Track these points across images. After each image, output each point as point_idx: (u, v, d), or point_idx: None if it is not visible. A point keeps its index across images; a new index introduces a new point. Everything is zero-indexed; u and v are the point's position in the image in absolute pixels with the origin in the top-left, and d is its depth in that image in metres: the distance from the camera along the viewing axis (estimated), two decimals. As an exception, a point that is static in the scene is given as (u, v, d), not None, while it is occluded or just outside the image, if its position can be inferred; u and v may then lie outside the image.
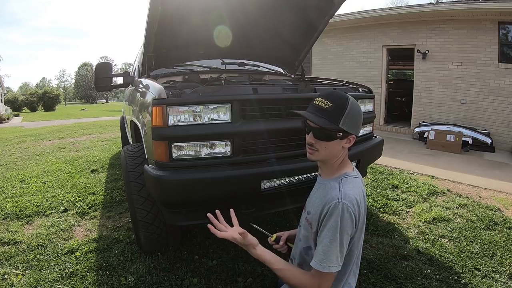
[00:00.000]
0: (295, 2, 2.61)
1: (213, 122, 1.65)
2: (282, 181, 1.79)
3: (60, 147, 6.10)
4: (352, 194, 1.00)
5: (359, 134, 2.33)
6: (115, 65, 65.57)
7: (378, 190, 3.35)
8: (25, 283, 1.81)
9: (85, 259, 2.05)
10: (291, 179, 1.82)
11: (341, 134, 1.03)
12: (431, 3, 14.49)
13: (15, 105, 28.94)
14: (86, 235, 2.40)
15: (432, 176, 3.93)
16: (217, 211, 1.13)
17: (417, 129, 6.59)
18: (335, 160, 1.09)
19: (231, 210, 1.17)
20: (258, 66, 3.19)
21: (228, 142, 1.67)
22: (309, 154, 1.10)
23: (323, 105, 1.03)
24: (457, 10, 6.00)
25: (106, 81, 2.45)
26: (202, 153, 1.65)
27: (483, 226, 2.54)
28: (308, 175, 1.90)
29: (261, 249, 1.07)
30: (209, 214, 1.11)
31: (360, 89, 2.55)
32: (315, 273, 0.99)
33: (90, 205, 2.96)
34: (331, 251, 0.96)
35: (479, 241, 2.31)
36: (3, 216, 2.74)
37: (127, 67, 55.87)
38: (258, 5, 2.49)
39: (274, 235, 1.25)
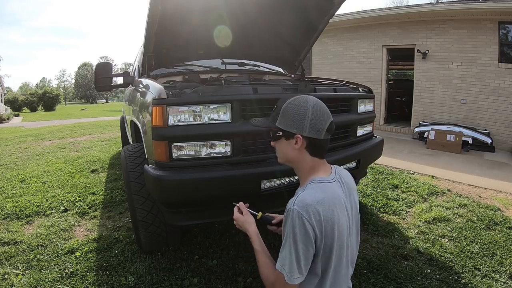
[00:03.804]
0: (295, 2, 2.60)
1: (213, 122, 1.65)
2: (282, 180, 1.79)
3: (60, 147, 6.10)
4: (310, 199, 0.92)
5: (359, 134, 2.38)
6: (115, 65, 65.63)
7: (378, 190, 3.35)
8: (25, 283, 1.81)
9: (85, 259, 2.05)
10: (291, 178, 1.82)
11: (280, 133, 1.05)
12: (431, 3, 14.48)
13: (15, 105, 28.93)
14: (86, 235, 2.40)
15: (432, 176, 3.93)
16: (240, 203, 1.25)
17: (417, 129, 6.59)
18: (300, 166, 1.07)
19: (241, 203, 1.25)
20: (258, 66, 3.19)
21: (228, 142, 1.67)
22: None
23: (273, 108, 1.12)
24: (457, 10, 6.00)
25: (106, 81, 2.45)
26: (202, 153, 1.65)
27: (483, 226, 2.54)
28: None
29: (255, 228, 1.14)
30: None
31: (360, 89, 2.55)
32: (277, 271, 0.98)
33: (90, 205, 2.96)
34: (285, 257, 0.94)
35: (479, 241, 2.31)
36: (3, 216, 2.74)
37: (127, 67, 55.87)
38: (258, 5, 2.49)
39: (260, 214, 1.26)
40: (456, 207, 2.93)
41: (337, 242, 0.95)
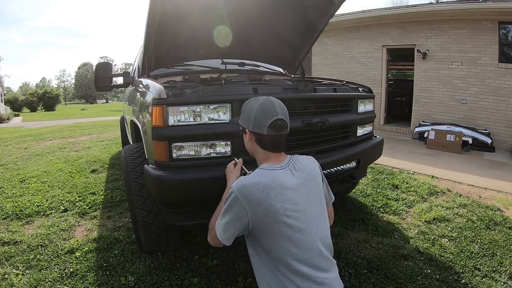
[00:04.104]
0: (295, 2, 2.60)
1: (213, 122, 1.64)
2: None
3: (60, 147, 6.10)
4: (247, 182, 1.06)
5: (359, 134, 2.38)
6: (115, 65, 65.58)
7: (378, 190, 3.35)
8: (25, 283, 1.81)
9: (85, 259, 2.05)
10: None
11: (240, 128, 1.23)
12: (431, 3, 14.48)
13: (15, 105, 28.93)
14: (86, 235, 2.40)
15: (432, 176, 3.93)
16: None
17: (417, 129, 6.59)
18: (255, 157, 1.21)
19: (240, 159, 1.44)
20: (258, 66, 3.19)
21: (228, 142, 1.67)
22: None
23: None
24: (457, 10, 6.01)
25: (106, 81, 2.45)
26: (202, 153, 1.65)
27: (483, 226, 2.54)
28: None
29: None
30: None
31: (360, 89, 2.55)
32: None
33: (90, 205, 2.96)
34: (220, 219, 1.12)
35: (479, 241, 2.31)
36: (3, 216, 2.74)
37: (127, 67, 55.84)
38: (258, 5, 2.49)
39: (250, 172, 1.32)
40: (456, 207, 2.93)
41: (278, 224, 1.03)
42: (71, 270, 1.93)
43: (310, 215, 1.08)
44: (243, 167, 1.37)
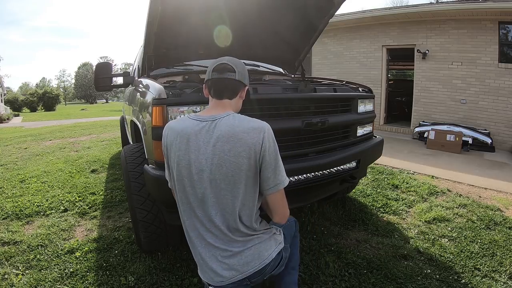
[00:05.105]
0: (295, 2, 2.61)
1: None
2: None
3: (60, 147, 6.10)
4: (170, 124, 1.16)
5: (359, 134, 2.39)
6: (115, 65, 65.45)
7: (378, 190, 3.35)
8: (25, 283, 1.81)
9: (85, 259, 2.05)
10: (291, 179, 1.82)
11: None
12: (431, 3, 14.47)
13: (15, 105, 28.94)
14: (86, 235, 2.40)
15: (432, 176, 3.93)
16: None
17: (417, 129, 6.60)
18: None
19: None
20: (258, 66, 3.19)
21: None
22: None
23: None
24: (457, 10, 6.01)
25: (106, 81, 2.45)
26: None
27: (483, 226, 2.54)
28: (308, 175, 1.91)
29: None
30: None
31: (360, 89, 2.55)
32: None
33: (90, 205, 2.96)
34: None
35: (479, 241, 2.31)
36: (3, 216, 2.74)
37: (127, 67, 55.80)
38: (258, 5, 2.49)
39: None
40: (456, 207, 2.93)
41: (174, 171, 1.11)
42: (71, 270, 1.93)
43: (207, 179, 1.04)
44: None
